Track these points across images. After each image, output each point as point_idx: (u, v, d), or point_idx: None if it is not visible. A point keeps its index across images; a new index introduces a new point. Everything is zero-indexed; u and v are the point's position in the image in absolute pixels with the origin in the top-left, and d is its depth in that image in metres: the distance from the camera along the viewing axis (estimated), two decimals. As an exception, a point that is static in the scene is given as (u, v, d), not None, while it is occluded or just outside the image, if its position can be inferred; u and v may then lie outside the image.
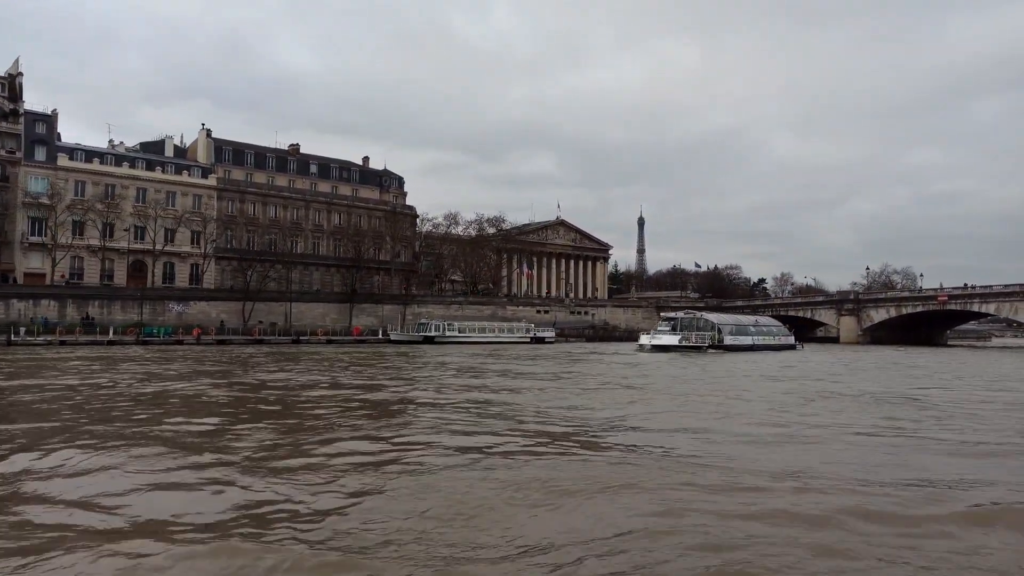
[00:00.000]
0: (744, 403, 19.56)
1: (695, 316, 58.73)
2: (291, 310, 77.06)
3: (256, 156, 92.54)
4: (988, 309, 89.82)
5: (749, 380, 28.21)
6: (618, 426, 14.75)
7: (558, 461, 10.64)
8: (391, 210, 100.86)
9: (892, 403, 19.80)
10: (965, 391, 24.15)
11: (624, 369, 34.76)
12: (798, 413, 17.23)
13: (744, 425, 14.94)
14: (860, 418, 16.27)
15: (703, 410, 17.66)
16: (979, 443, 12.95)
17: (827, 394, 22.19)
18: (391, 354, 48.90)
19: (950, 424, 15.52)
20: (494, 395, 21.30)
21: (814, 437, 13.36)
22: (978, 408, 18.78)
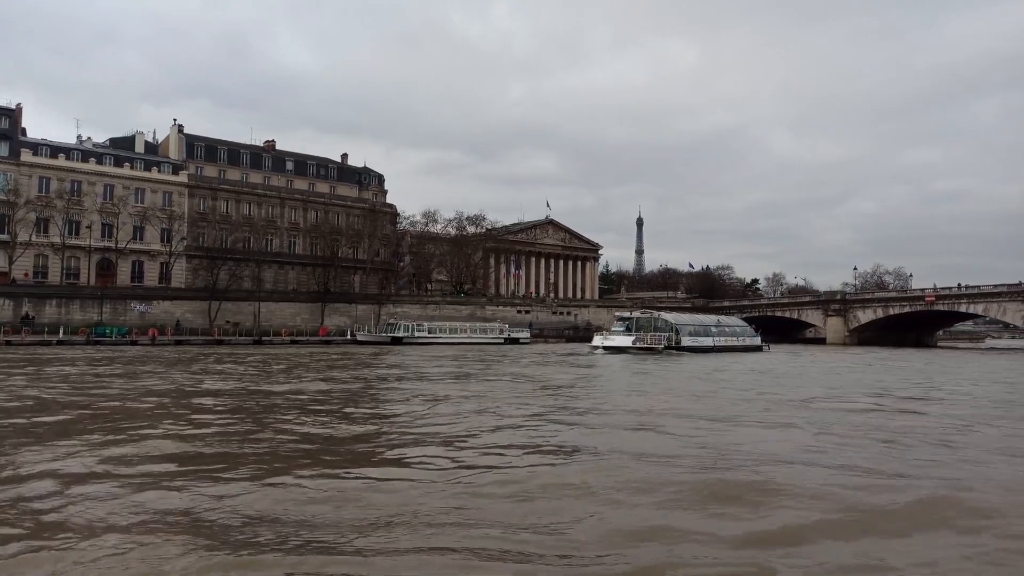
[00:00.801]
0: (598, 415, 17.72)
1: (652, 316, 56.40)
2: (259, 310, 75.21)
3: (229, 152, 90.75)
4: (976, 309, 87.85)
5: (650, 385, 26.36)
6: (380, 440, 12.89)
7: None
8: (370, 208, 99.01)
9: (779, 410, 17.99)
10: (885, 400, 22.34)
11: (544, 369, 32.92)
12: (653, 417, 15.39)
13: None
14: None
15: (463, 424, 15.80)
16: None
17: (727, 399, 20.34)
18: (344, 356, 47.00)
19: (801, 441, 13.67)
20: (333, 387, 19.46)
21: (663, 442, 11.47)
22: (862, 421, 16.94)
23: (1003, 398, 22.95)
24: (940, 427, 15.76)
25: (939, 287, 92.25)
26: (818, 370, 37.69)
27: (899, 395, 23.64)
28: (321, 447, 12.62)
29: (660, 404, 19.57)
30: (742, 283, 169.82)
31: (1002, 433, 15.09)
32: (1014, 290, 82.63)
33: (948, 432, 14.95)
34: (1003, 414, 18.47)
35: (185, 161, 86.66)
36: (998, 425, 16.30)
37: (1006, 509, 8.46)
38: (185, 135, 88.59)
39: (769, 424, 15.90)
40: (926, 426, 15.99)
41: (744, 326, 71.05)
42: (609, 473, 10.10)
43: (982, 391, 25.26)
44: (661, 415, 17.14)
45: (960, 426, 15.97)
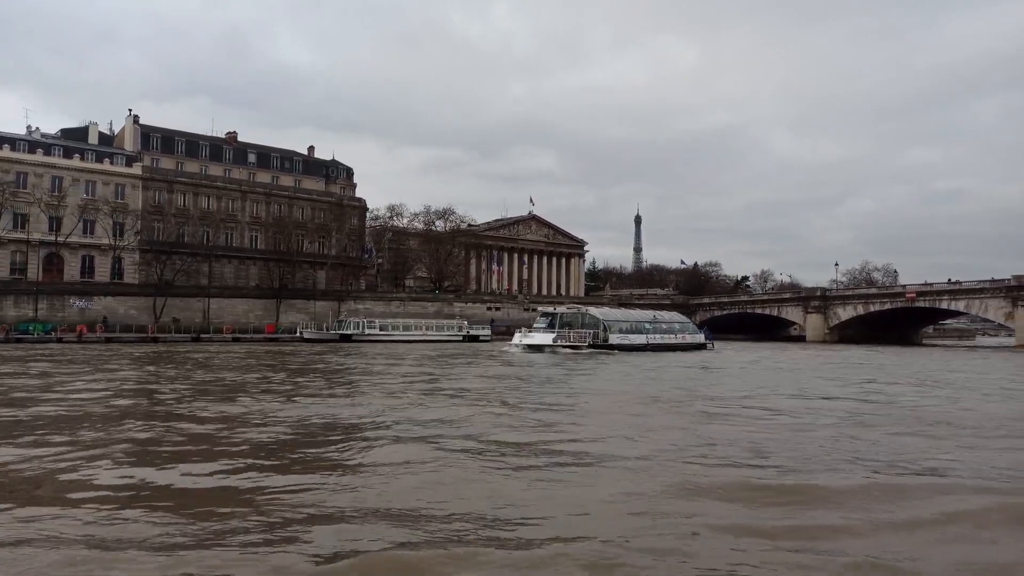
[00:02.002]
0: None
1: (579, 311, 53.52)
2: (209, 306, 72.36)
3: (188, 144, 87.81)
4: (958, 306, 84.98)
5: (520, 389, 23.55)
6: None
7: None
8: (336, 202, 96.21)
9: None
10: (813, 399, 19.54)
11: (449, 370, 30.14)
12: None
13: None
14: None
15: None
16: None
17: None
18: (273, 355, 44.17)
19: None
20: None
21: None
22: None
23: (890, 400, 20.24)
24: (769, 434, 13.24)
25: (921, 283, 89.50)
26: (760, 368, 34.93)
27: (815, 395, 21.01)
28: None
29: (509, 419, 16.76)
30: (729, 280, 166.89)
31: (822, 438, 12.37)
32: (996, 286, 79.83)
33: (764, 442, 12.48)
34: (836, 421, 15.81)
35: (140, 152, 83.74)
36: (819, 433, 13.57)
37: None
38: (141, 126, 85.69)
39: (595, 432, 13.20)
40: (755, 433, 13.27)
41: (685, 322, 67.39)
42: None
43: (878, 397, 22.47)
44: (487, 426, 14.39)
45: (784, 435, 13.43)
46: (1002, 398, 22.55)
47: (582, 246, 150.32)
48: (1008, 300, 78.28)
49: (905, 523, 7.59)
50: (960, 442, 13.15)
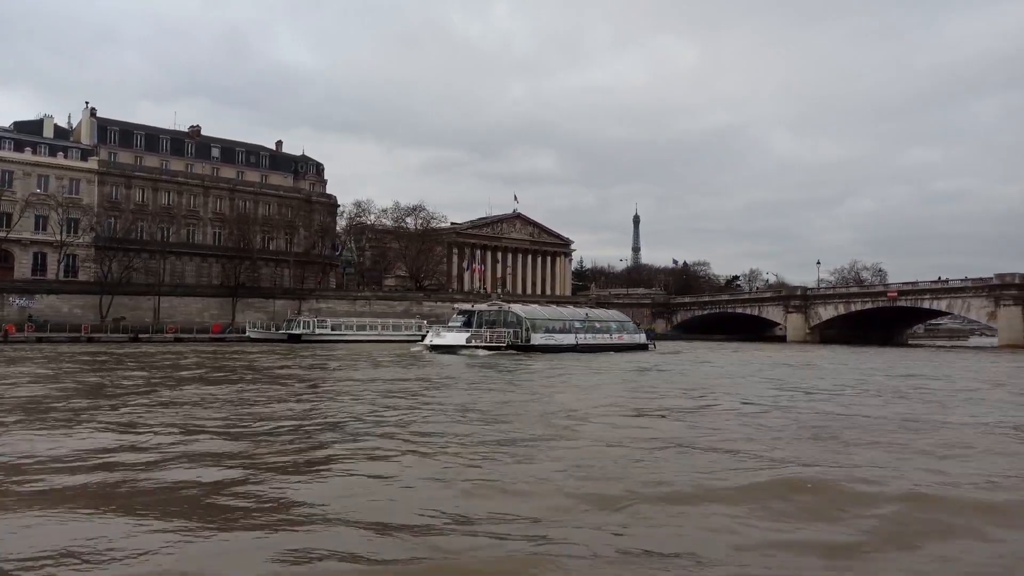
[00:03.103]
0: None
1: (500, 309, 49.53)
2: (159, 305, 69.73)
3: (147, 138, 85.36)
4: (940, 306, 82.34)
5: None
6: None
7: None
8: (304, 198, 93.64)
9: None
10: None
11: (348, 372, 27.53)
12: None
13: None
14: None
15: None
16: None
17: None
18: (199, 355, 41.56)
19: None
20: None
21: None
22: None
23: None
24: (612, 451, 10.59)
25: (903, 282, 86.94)
26: (693, 372, 32.34)
27: (696, 405, 18.44)
28: None
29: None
30: (719, 279, 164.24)
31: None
32: (978, 285, 77.24)
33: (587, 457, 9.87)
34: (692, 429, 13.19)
35: (96, 146, 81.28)
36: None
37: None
38: (98, 119, 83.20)
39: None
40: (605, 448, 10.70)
41: (624, 322, 63.82)
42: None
43: (799, 404, 19.88)
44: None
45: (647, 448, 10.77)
46: (895, 397, 20.27)
47: (568, 245, 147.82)
48: (991, 299, 75.72)
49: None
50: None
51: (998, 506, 8.37)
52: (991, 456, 11.67)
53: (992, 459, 11.37)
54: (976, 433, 14.04)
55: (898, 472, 10.08)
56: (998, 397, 21.98)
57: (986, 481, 9.64)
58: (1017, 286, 73.59)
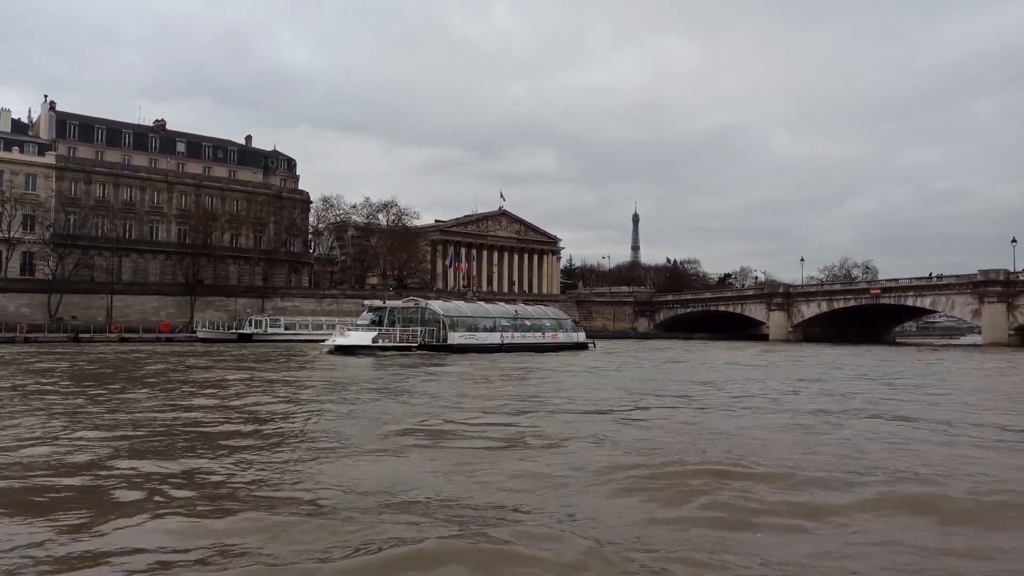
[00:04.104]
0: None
1: (416, 305, 45.60)
2: (112, 303, 67.47)
3: (108, 132, 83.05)
4: (924, 303, 79.80)
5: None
6: None
7: None
8: (274, 194, 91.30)
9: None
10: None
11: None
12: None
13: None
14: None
15: None
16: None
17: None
18: (125, 355, 39.24)
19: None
20: None
21: None
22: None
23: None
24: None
25: (886, 279, 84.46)
26: (627, 374, 29.97)
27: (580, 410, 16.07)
28: None
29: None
30: (710, 277, 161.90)
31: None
32: (962, 282, 74.76)
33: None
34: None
35: (55, 141, 79.01)
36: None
37: None
38: (57, 113, 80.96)
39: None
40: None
41: (561, 320, 60.11)
42: None
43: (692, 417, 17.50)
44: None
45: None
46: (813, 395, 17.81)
47: (555, 243, 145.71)
48: (975, 296, 73.22)
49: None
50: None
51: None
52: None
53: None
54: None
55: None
56: (910, 408, 19.61)
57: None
58: (1001, 283, 71.13)
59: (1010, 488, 9.04)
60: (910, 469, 10.17)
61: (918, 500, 8.41)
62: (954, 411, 17.64)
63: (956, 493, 8.70)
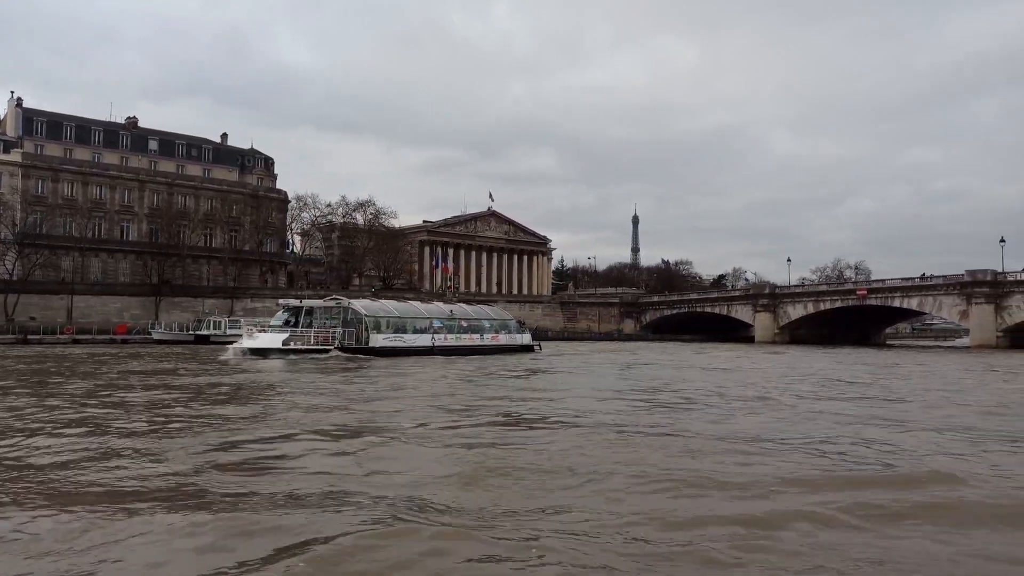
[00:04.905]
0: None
1: (338, 304, 42.56)
2: (73, 304, 65.71)
3: (78, 129, 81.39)
4: (911, 304, 77.72)
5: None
6: None
7: None
8: (251, 193, 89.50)
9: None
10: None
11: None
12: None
13: None
14: None
15: None
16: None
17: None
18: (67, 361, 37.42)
19: None
20: None
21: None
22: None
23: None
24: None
25: (872, 280, 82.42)
26: (563, 377, 28.05)
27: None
28: None
29: None
30: (700, 278, 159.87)
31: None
32: (949, 282, 72.72)
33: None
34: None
35: (21, 138, 77.34)
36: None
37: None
38: (24, 110, 79.32)
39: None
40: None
41: (505, 320, 56.94)
42: None
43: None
44: None
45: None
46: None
47: (546, 244, 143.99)
48: (962, 297, 71.18)
49: None
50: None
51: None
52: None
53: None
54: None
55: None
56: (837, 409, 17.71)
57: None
58: (989, 283, 69.09)
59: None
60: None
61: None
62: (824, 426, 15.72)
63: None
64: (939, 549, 6.65)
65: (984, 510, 8.02)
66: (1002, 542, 6.97)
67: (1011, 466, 10.63)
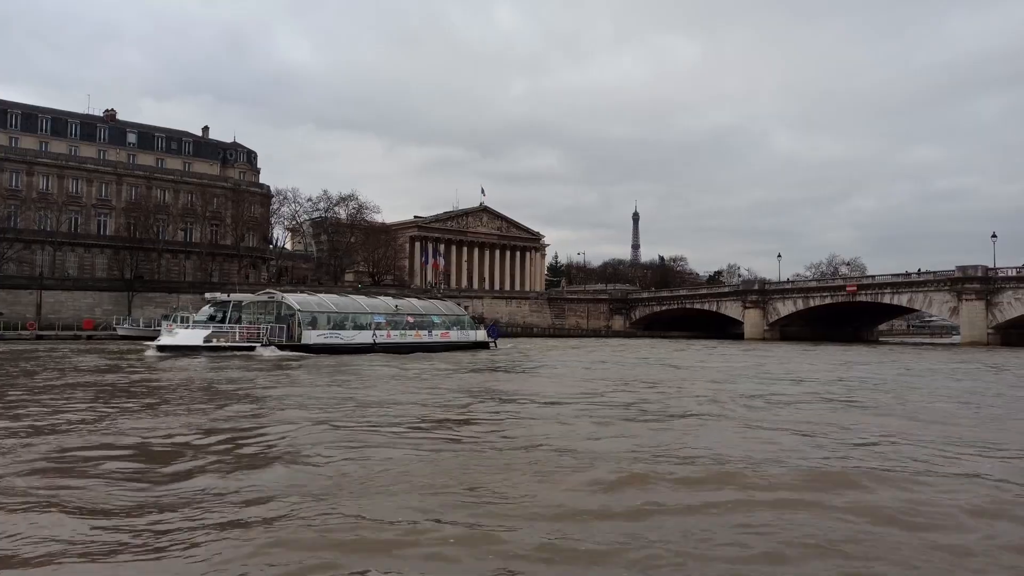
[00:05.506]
0: None
1: (271, 299, 40.82)
2: (42, 299, 64.42)
3: (53, 122, 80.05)
4: (900, 301, 76.09)
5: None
6: None
7: None
8: (232, 187, 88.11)
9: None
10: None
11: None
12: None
13: None
14: None
15: None
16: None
17: None
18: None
19: None
20: None
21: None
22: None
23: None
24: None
25: (861, 275, 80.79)
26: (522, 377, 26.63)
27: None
28: None
29: None
30: (695, 275, 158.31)
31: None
32: (940, 278, 71.14)
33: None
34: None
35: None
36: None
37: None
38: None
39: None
40: None
41: (458, 316, 54.17)
42: None
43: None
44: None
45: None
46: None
47: (539, 239, 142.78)
48: (953, 294, 69.58)
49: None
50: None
51: None
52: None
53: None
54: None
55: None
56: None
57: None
58: (980, 279, 67.48)
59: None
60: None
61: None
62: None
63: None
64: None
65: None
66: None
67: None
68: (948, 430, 13.84)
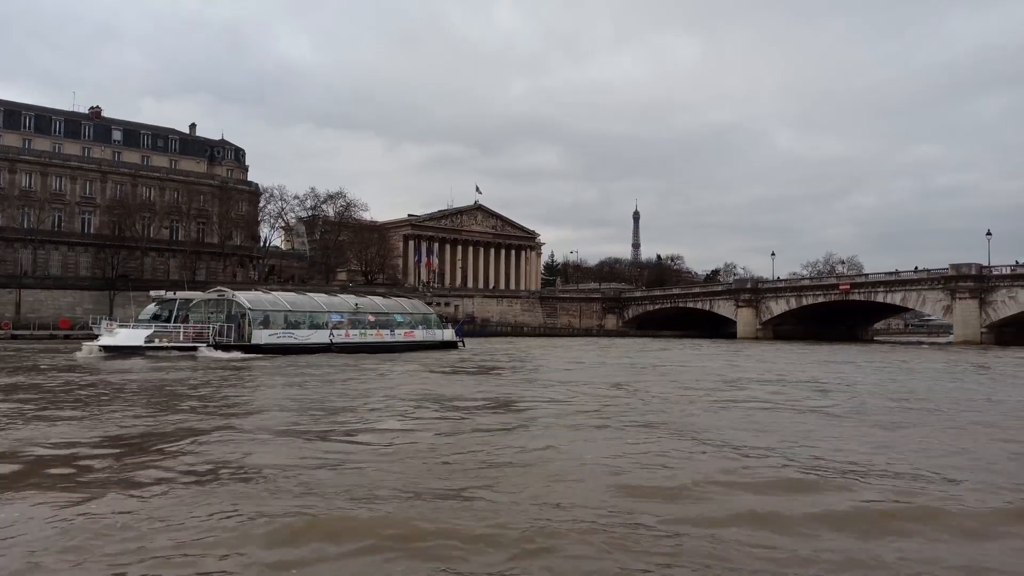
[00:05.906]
0: None
1: (220, 297, 39.61)
2: (22, 298, 63.57)
3: (37, 119, 79.15)
4: (894, 299, 75.10)
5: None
6: None
7: None
8: (219, 185, 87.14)
9: None
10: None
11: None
12: None
13: None
14: None
15: None
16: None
17: None
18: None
19: None
20: None
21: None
22: None
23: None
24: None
25: (855, 274, 79.78)
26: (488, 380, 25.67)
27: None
28: None
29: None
30: (691, 273, 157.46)
31: None
32: (933, 277, 70.15)
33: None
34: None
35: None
36: None
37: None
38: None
39: None
40: None
41: (424, 314, 52.43)
42: None
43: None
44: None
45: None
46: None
47: (534, 238, 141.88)
48: (946, 292, 68.61)
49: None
50: None
51: None
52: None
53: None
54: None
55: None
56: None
57: None
58: (973, 278, 66.51)
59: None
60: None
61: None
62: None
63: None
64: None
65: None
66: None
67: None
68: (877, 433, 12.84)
